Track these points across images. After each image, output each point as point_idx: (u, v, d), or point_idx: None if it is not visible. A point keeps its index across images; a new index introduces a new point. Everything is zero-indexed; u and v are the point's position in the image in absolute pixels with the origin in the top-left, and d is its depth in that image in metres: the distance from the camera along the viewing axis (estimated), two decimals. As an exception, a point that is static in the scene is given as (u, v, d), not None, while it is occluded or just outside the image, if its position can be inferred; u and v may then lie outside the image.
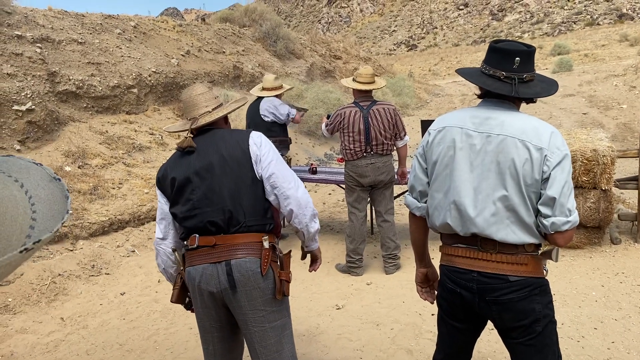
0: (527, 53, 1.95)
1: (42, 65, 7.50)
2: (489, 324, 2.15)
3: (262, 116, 5.62)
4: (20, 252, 0.56)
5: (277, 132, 5.63)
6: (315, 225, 2.37)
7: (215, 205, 2.20)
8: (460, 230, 1.97)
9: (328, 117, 5.04)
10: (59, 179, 0.71)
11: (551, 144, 1.86)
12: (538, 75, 2.02)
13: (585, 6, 68.14)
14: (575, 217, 1.86)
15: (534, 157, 1.85)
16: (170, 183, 2.29)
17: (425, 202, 2.13)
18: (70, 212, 0.68)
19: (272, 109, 5.60)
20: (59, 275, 4.87)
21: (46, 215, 0.64)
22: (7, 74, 6.85)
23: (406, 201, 2.22)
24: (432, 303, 2.35)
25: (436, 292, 2.28)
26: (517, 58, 1.92)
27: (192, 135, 2.32)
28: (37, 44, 7.75)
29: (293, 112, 5.67)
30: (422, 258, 2.32)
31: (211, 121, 2.34)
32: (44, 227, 0.62)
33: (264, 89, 5.76)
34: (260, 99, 5.74)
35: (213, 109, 2.38)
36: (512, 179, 1.87)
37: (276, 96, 5.72)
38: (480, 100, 2.08)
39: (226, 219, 2.20)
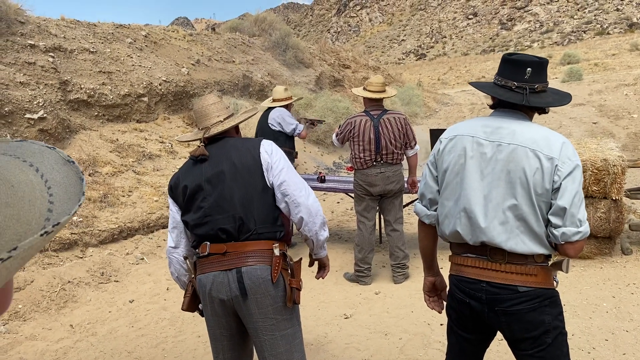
0: (539, 64, 1.96)
1: (54, 74, 7.59)
2: (499, 335, 2.14)
3: (270, 125, 5.68)
4: (41, 235, 0.58)
5: (283, 142, 5.58)
6: (324, 233, 2.38)
7: (226, 213, 2.22)
8: (469, 239, 1.97)
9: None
10: (73, 162, 0.73)
11: (562, 154, 1.86)
12: (551, 88, 2.03)
13: (595, 15, 68.00)
14: (586, 228, 1.85)
15: (545, 167, 1.85)
16: (182, 191, 2.31)
17: (435, 210, 2.14)
18: (85, 193, 0.70)
19: (279, 119, 5.66)
20: (69, 282, 4.90)
21: (63, 198, 0.66)
22: (20, 82, 6.93)
23: (416, 209, 2.22)
24: (440, 313, 2.34)
25: (445, 302, 2.27)
26: (528, 69, 1.94)
27: (204, 144, 2.35)
28: (50, 53, 7.84)
29: (300, 128, 5.72)
30: (431, 267, 2.31)
31: (223, 130, 2.36)
32: (62, 210, 0.64)
33: (274, 100, 5.85)
34: (272, 108, 5.80)
35: (225, 119, 2.40)
36: (522, 188, 1.87)
37: (287, 106, 5.80)
38: (492, 110, 2.09)
39: (237, 227, 2.21)
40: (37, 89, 7.13)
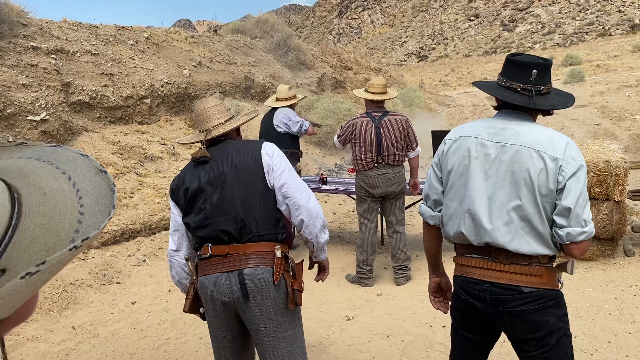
0: (544, 66, 1.96)
1: (56, 76, 7.60)
2: (502, 336, 2.13)
3: (275, 126, 5.64)
4: (70, 249, 0.57)
5: (288, 144, 5.62)
6: (324, 236, 2.38)
7: (227, 214, 2.22)
8: (474, 240, 1.97)
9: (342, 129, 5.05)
10: (105, 172, 0.71)
11: (566, 154, 1.86)
12: (555, 89, 2.03)
13: (597, 17, 68.01)
14: (590, 228, 1.85)
15: (549, 167, 1.85)
16: (183, 193, 2.31)
17: (439, 211, 2.14)
18: (116, 206, 0.68)
19: (285, 119, 5.61)
20: (71, 284, 4.90)
21: (93, 209, 0.64)
22: (22, 84, 6.95)
23: (420, 210, 2.22)
24: (446, 313, 2.34)
25: (450, 303, 2.27)
26: (534, 70, 1.93)
27: (205, 146, 2.35)
28: (52, 55, 7.85)
29: (306, 124, 5.66)
30: (436, 267, 2.31)
31: (224, 132, 2.36)
32: (91, 222, 0.62)
33: (277, 99, 5.80)
34: (275, 108, 5.78)
35: (226, 121, 2.40)
36: (526, 188, 1.87)
37: (290, 106, 5.76)
38: (496, 112, 2.09)
39: (238, 228, 2.21)
40: (40, 90, 7.14)
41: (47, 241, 0.57)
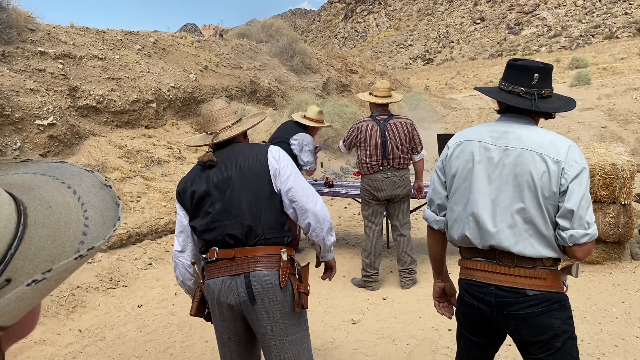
0: (545, 70, 1.98)
1: (63, 81, 7.66)
2: (507, 340, 2.13)
3: (291, 145, 5.53)
4: (76, 258, 0.58)
5: (291, 155, 5.50)
6: (331, 238, 2.39)
7: (234, 218, 2.23)
8: (478, 243, 1.97)
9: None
10: (110, 186, 0.73)
11: (569, 157, 1.87)
12: (555, 93, 2.05)
13: (603, 19, 67.75)
14: (593, 230, 1.85)
15: (552, 170, 1.86)
16: (189, 196, 2.32)
17: (444, 216, 2.15)
18: (120, 219, 0.70)
19: (298, 146, 5.46)
20: (78, 287, 4.92)
21: (98, 222, 0.66)
22: (30, 89, 7.00)
23: (425, 215, 2.23)
24: (450, 318, 2.34)
25: (454, 308, 2.27)
26: (535, 74, 1.95)
27: (212, 150, 2.36)
28: (59, 60, 7.91)
29: (309, 167, 5.55)
30: (440, 272, 2.32)
31: (231, 136, 2.37)
32: (96, 234, 0.64)
33: (305, 117, 5.68)
34: (298, 123, 5.63)
35: (233, 124, 2.41)
36: (529, 191, 1.88)
37: (313, 129, 5.66)
38: (499, 116, 2.10)
39: (245, 232, 2.22)
40: (47, 95, 7.20)
41: (52, 252, 0.59)
